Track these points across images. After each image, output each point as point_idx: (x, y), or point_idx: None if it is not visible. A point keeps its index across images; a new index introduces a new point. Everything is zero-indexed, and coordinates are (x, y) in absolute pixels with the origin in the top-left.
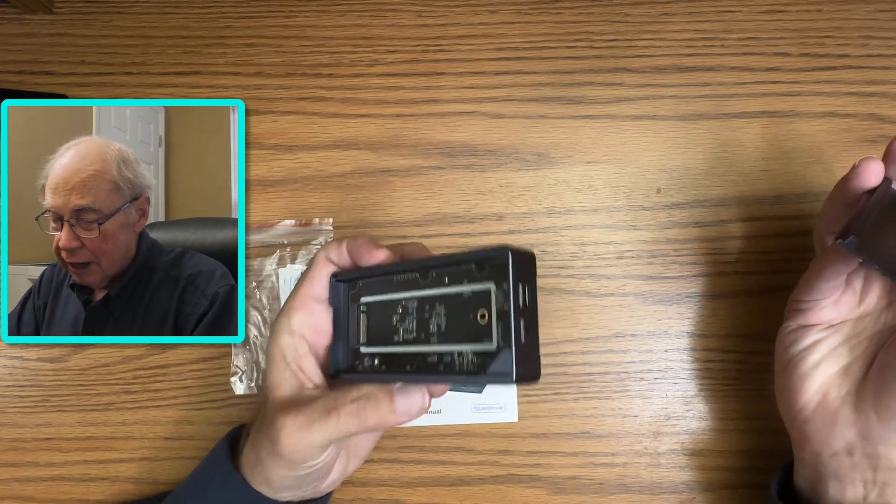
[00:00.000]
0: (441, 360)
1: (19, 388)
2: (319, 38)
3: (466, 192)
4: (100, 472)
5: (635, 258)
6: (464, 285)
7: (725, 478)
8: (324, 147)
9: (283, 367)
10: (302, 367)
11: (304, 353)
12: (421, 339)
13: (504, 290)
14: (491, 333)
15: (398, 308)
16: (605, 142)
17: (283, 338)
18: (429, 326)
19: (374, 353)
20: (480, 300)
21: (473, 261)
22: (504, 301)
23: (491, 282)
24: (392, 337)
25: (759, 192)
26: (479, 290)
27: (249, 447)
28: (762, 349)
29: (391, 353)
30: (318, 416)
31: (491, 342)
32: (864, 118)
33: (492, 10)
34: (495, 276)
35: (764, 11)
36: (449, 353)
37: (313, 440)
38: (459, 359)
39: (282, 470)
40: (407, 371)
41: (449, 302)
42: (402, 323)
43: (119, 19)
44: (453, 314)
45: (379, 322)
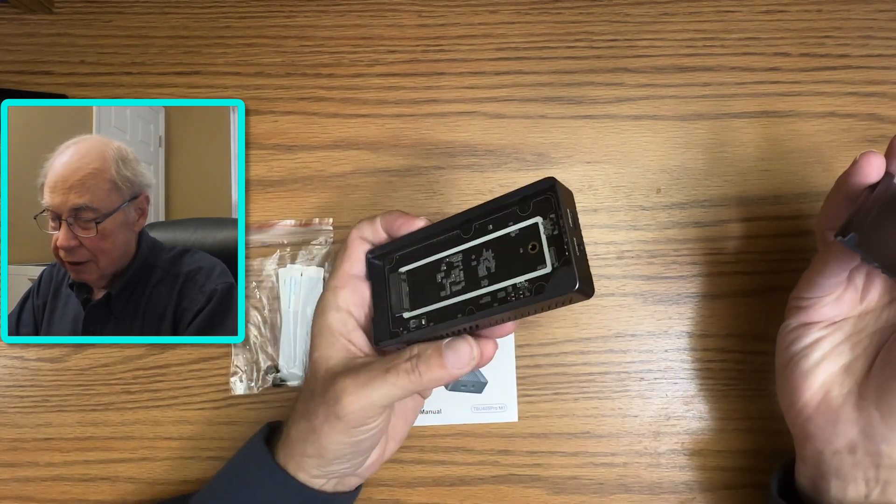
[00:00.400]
0: (495, 297)
1: (19, 388)
2: (319, 38)
3: (466, 192)
4: (100, 472)
5: (635, 258)
6: (510, 227)
7: (725, 478)
8: (324, 147)
9: (332, 340)
10: (352, 339)
11: (352, 327)
12: (471, 286)
13: (552, 219)
14: (544, 259)
15: (441, 266)
16: (605, 142)
17: (331, 314)
18: (477, 272)
19: (421, 314)
20: (528, 235)
21: (517, 202)
22: (553, 228)
23: (537, 216)
24: (438, 293)
25: (758, 192)
26: (526, 226)
27: (297, 423)
28: (762, 349)
29: (439, 307)
30: (377, 374)
31: (545, 266)
32: (864, 118)
33: (492, 10)
34: (540, 210)
35: (764, 11)
36: (502, 289)
37: (374, 398)
38: (514, 291)
39: (339, 435)
40: (459, 319)
41: (496, 246)
42: (448, 277)
43: (119, 19)
44: (502, 255)
45: (422, 285)
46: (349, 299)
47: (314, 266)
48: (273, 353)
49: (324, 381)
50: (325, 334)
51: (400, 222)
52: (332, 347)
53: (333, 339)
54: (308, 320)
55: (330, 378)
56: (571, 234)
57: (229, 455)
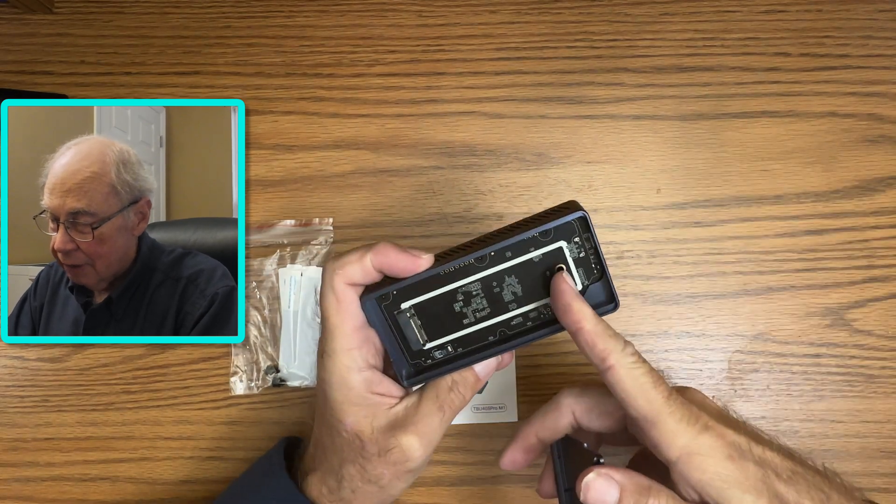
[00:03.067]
0: (527, 318)
1: (19, 388)
2: (319, 38)
3: (466, 192)
4: (100, 472)
5: (635, 258)
6: (531, 252)
7: None
8: (324, 147)
9: (366, 402)
10: (382, 391)
11: (378, 380)
12: (497, 311)
13: (576, 243)
14: (574, 279)
15: (457, 295)
16: (605, 142)
17: (354, 378)
18: (503, 297)
19: (446, 343)
20: (553, 259)
21: (538, 233)
22: (578, 251)
23: (561, 241)
24: (461, 321)
25: (758, 192)
26: (550, 250)
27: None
28: (762, 349)
29: (465, 334)
30: (433, 417)
31: (576, 285)
32: (864, 118)
33: (492, 10)
34: (562, 235)
35: (764, 11)
36: (534, 309)
37: (436, 438)
38: (547, 310)
39: (407, 483)
40: (491, 342)
41: (519, 271)
42: (469, 305)
43: (119, 19)
44: (527, 279)
45: (437, 316)
46: (366, 356)
47: (314, 266)
48: (273, 353)
49: (376, 442)
50: (355, 401)
51: (402, 264)
52: (369, 409)
53: (367, 400)
54: (308, 320)
55: (382, 438)
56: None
57: (229, 455)
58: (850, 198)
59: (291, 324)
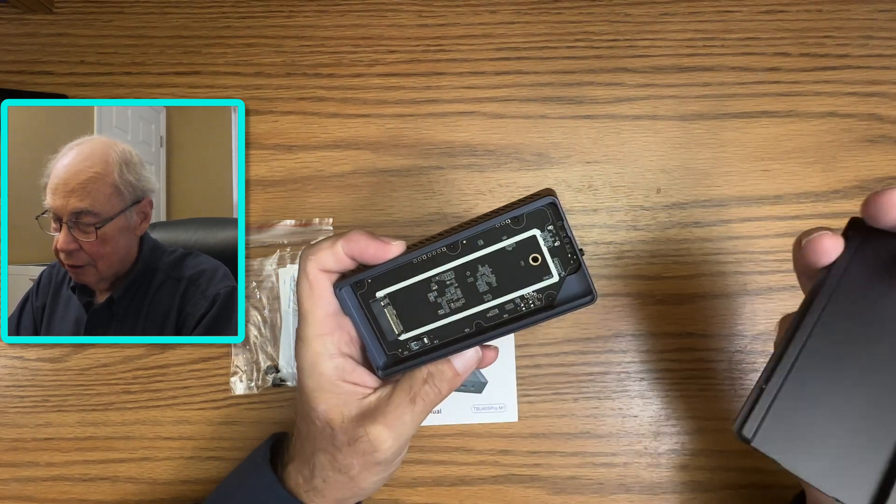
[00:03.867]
0: (503, 310)
1: (19, 388)
2: (319, 38)
3: (466, 192)
4: (100, 472)
5: (635, 258)
6: (504, 241)
7: (725, 478)
8: (324, 147)
9: (337, 390)
10: (356, 380)
11: (351, 368)
12: (472, 301)
13: (550, 231)
14: (549, 270)
15: (431, 285)
16: (605, 142)
17: (325, 365)
18: (477, 288)
19: (421, 334)
20: (527, 247)
21: (510, 219)
22: (553, 239)
23: (534, 228)
24: (436, 311)
25: (758, 192)
26: (523, 238)
27: (325, 475)
28: (762, 349)
29: (441, 325)
30: (404, 408)
31: (552, 276)
32: (864, 118)
33: (492, 10)
34: (535, 222)
35: (764, 11)
36: (509, 301)
37: (407, 431)
38: (523, 302)
39: (378, 476)
40: (467, 334)
41: (492, 260)
42: (443, 295)
43: (119, 19)
44: (501, 269)
45: (412, 306)
46: (338, 342)
47: None
48: (273, 353)
49: (346, 431)
50: (327, 387)
51: (372, 250)
52: (341, 397)
53: (338, 388)
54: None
55: (352, 427)
56: (577, 244)
57: (229, 455)
58: (850, 198)
59: (291, 324)
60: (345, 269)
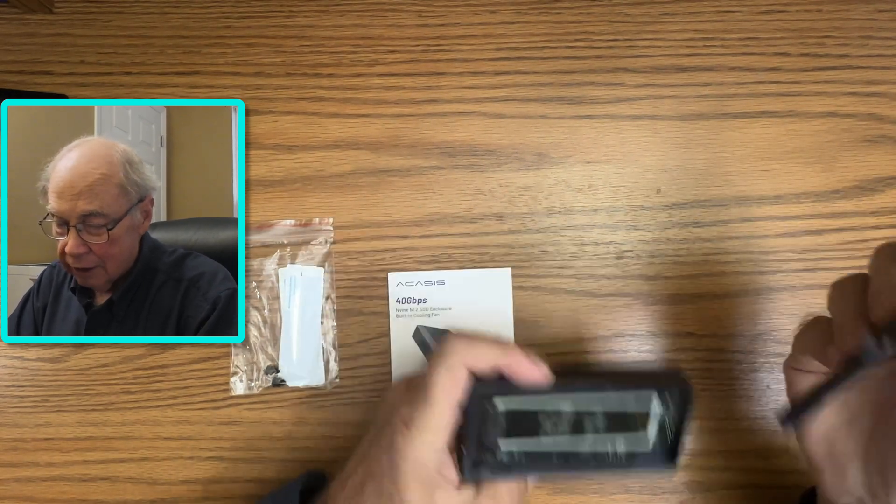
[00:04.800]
0: (594, 457)
1: (19, 388)
2: (319, 38)
3: (466, 192)
4: (100, 472)
5: (635, 258)
6: (630, 406)
7: (725, 478)
8: (324, 147)
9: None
10: (446, 474)
11: (448, 461)
12: (575, 439)
13: (670, 413)
14: (647, 439)
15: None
16: (605, 142)
17: (431, 456)
18: (583, 426)
19: (516, 450)
20: (640, 402)
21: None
22: (664, 412)
23: (654, 391)
24: (537, 432)
25: (758, 192)
26: (646, 413)
27: None
28: (762, 349)
29: (539, 451)
30: None
31: (646, 446)
32: (864, 118)
33: (492, 10)
34: (669, 401)
35: (764, 11)
36: (604, 452)
37: None
38: (613, 458)
39: None
40: (553, 463)
41: (610, 415)
42: (553, 423)
43: (119, 19)
44: (613, 423)
45: (519, 420)
46: (449, 438)
47: (314, 266)
48: (273, 353)
49: None
50: (424, 479)
51: (523, 370)
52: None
53: (433, 480)
54: (308, 321)
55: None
56: (686, 436)
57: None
58: (850, 198)
59: (291, 324)
60: (484, 375)
